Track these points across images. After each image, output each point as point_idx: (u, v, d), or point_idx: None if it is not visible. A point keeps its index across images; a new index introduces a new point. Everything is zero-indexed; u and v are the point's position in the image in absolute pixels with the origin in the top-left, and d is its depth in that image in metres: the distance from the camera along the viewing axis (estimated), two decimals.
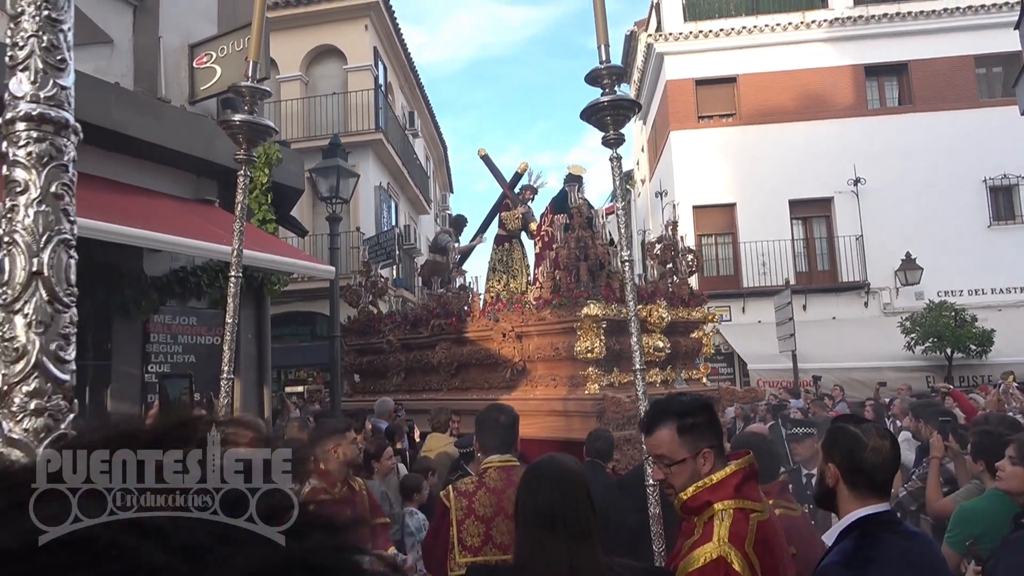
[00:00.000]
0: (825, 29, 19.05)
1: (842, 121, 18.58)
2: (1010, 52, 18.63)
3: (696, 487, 2.20)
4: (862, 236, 18.09)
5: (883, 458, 2.07)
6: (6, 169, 0.57)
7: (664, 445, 2.24)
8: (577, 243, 7.64)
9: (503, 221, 9.34)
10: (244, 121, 3.16)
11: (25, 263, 0.55)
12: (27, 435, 0.53)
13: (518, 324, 8.24)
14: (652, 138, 23.47)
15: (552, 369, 7.90)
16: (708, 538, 2.11)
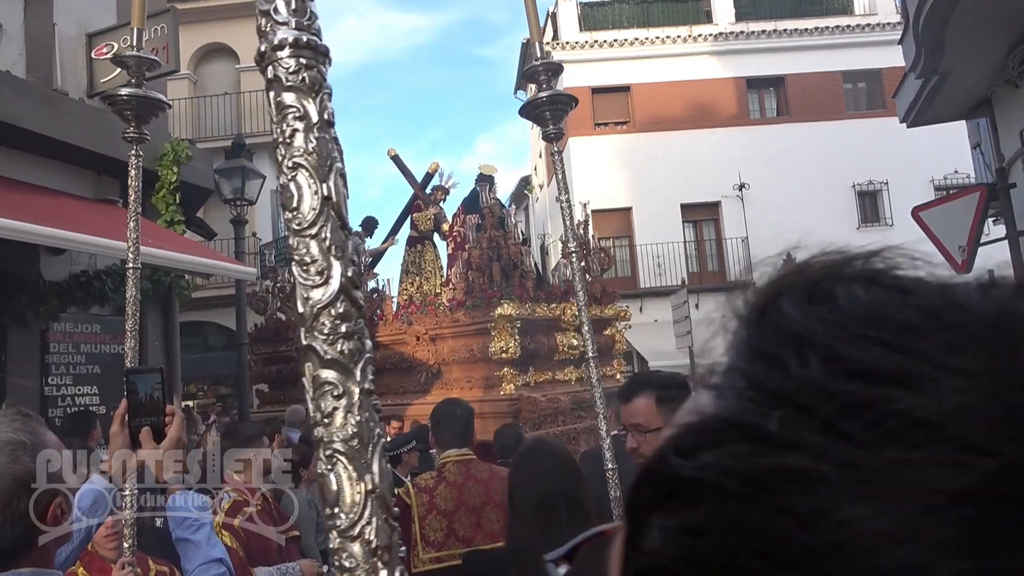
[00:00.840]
0: (710, 43, 20.06)
1: (727, 130, 19.61)
2: (872, 69, 20.27)
3: None
4: (747, 238, 19.12)
5: None
6: (277, 95, 0.58)
7: (641, 414, 2.32)
8: (489, 243, 7.70)
9: (415, 222, 9.28)
10: (132, 95, 2.91)
11: (316, 188, 0.57)
12: (343, 357, 0.55)
13: (432, 327, 8.23)
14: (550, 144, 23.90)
15: (467, 371, 7.94)
16: None
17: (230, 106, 16.42)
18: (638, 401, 2.34)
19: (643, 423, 2.31)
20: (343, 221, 0.60)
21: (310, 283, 0.58)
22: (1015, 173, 5.81)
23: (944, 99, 6.24)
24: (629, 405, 2.36)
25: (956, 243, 6.16)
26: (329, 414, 0.58)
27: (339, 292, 0.58)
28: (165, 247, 5.13)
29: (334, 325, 0.57)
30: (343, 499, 0.58)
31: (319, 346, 0.56)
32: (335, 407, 0.58)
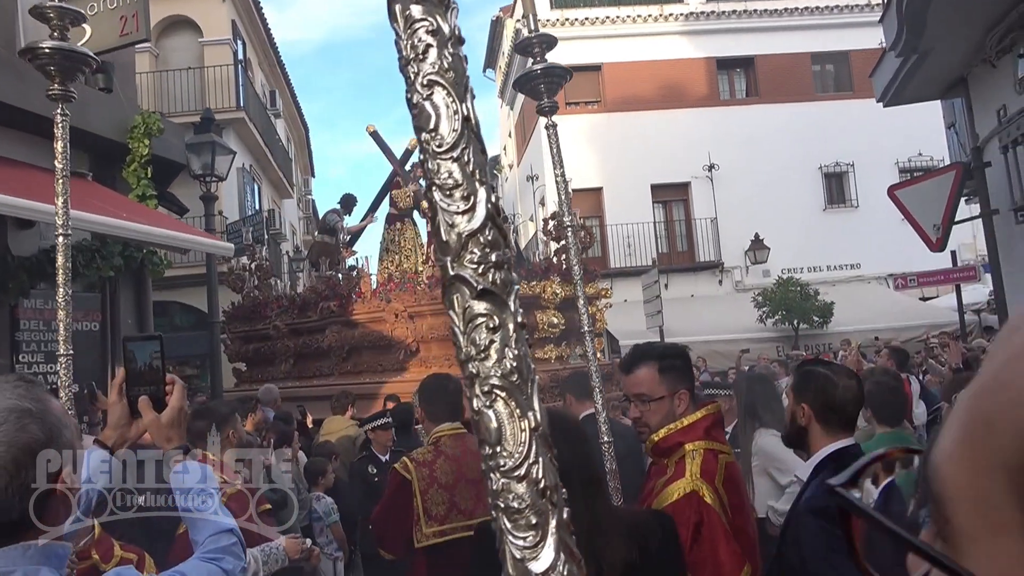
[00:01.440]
0: (681, 23, 20.07)
1: (697, 110, 19.70)
2: (840, 51, 20.50)
3: (668, 429, 2.32)
4: (716, 218, 19.29)
5: (853, 395, 2.24)
6: (404, 9, 0.53)
7: (644, 383, 2.35)
8: None
9: (394, 200, 9.15)
10: (56, 48, 2.60)
11: (456, 107, 0.53)
12: (496, 287, 0.51)
13: (410, 304, 8.16)
14: (520, 124, 23.81)
15: (446, 349, 7.88)
16: (681, 475, 2.23)
17: (194, 81, 16.01)
18: (641, 371, 2.37)
19: (646, 392, 2.35)
20: (483, 145, 0.56)
21: (454, 209, 0.54)
22: (990, 152, 5.91)
23: (922, 78, 6.31)
24: (632, 375, 2.40)
25: (931, 221, 6.28)
26: (484, 349, 0.54)
27: (486, 219, 0.54)
28: (139, 221, 4.97)
29: (484, 254, 0.53)
30: (505, 438, 0.55)
31: (470, 276, 0.53)
32: (491, 340, 0.55)
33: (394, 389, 7.68)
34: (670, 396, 2.35)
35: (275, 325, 8.54)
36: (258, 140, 17.54)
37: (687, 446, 2.30)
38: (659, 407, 2.34)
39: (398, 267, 8.82)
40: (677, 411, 2.35)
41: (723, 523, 2.20)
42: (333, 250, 8.96)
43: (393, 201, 9.20)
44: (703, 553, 2.14)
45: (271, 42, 20.04)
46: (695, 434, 2.34)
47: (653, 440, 2.34)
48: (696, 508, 2.16)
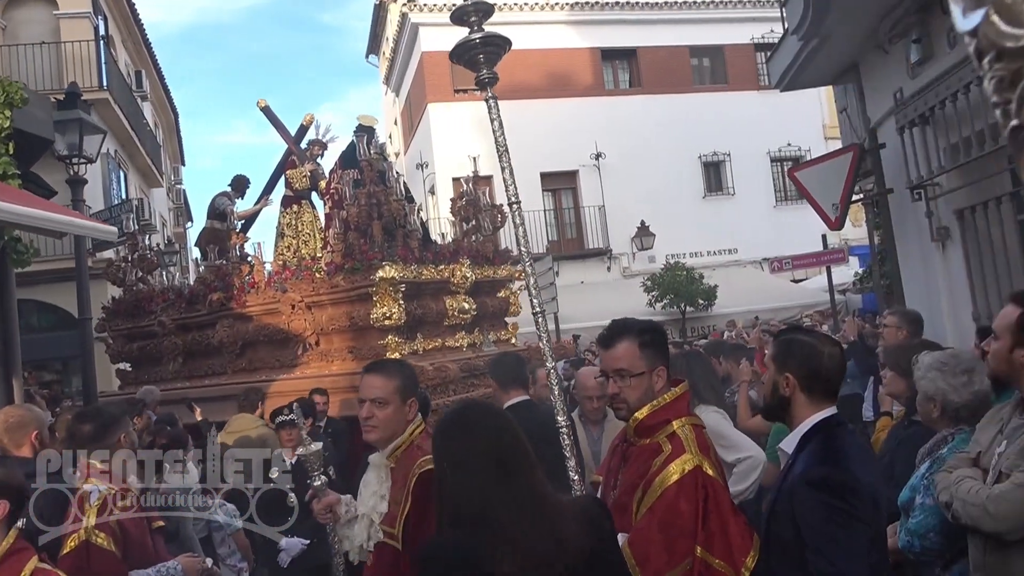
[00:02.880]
0: (567, 12, 20.26)
1: (583, 100, 19.96)
2: (715, 45, 21.35)
3: (652, 406, 2.27)
4: (604, 206, 19.64)
5: (837, 363, 2.19)
6: None
7: (625, 358, 2.30)
8: (369, 200, 7.16)
9: (289, 180, 8.56)
10: None
11: None
12: None
13: (308, 293, 7.68)
14: (406, 111, 23.33)
15: (349, 341, 7.48)
16: (680, 451, 2.18)
17: (49, 57, 14.59)
18: (621, 346, 2.32)
19: (627, 367, 2.29)
20: None
21: None
22: (883, 134, 6.21)
23: (817, 64, 6.54)
24: (611, 350, 2.34)
25: (830, 201, 6.53)
26: None
27: None
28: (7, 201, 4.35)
29: None
30: None
31: None
32: None
33: (293, 386, 7.22)
34: (650, 372, 2.30)
35: (160, 321, 7.85)
36: (124, 124, 16.22)
37: (675, 422, 2.26)
38: (639, 383, 2.29)
39: (295, 253, 8.28)
40: (656, 387, 2.31)
41: (728, 496, 2.21)
42: (223, 236, 8.30)
43: (288, 182, 8.61)
44: (713, 528, 2.08)
45: (136, 19, 18.60)
46: (679, 409, 2.31)
47: (637, 418, 2.28)
48: (702, 483, 2.12)
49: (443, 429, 1.89)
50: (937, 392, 2.73)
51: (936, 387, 2.73)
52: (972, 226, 5.16)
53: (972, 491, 2.26)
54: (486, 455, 1.75)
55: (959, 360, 2.76)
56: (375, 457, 2.61)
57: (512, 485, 1.73)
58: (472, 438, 1.80)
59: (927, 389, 2.76)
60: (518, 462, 1.77)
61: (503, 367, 4.18)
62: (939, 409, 2.74)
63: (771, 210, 21.12)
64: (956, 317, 5.43)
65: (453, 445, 1.81)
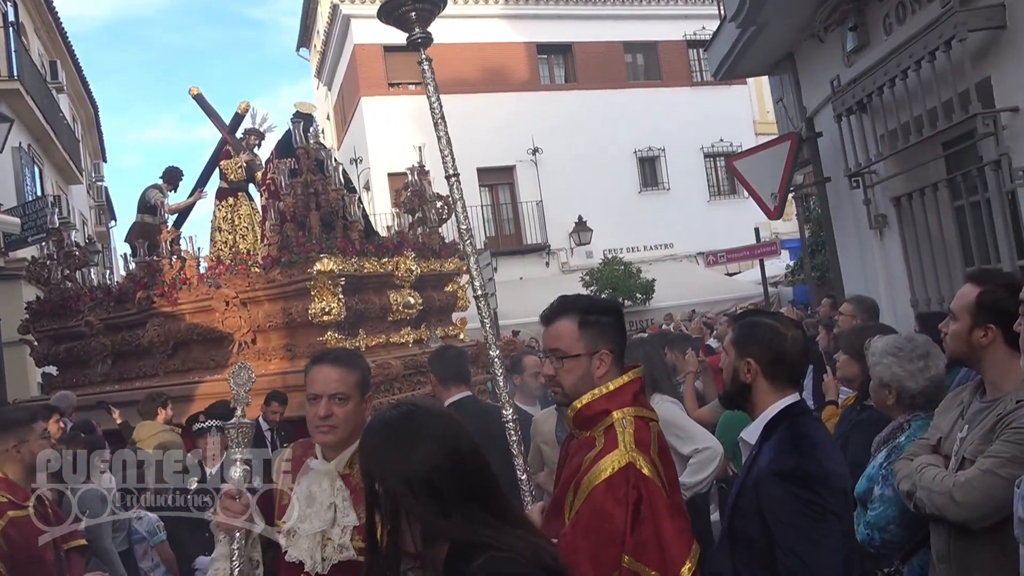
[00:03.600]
0: (501, 6, 20.19)
1: (520, 95, 19.93)
2: (649, 41, 21.62)
3: (593, 395, 2.06)
4: (542, 202, 19.66)
5: (801, 347, 2.09)
6: None
7: (561, 337, 2.10)
8: (305, 189, 6.89)
9: (224, 172, 8.19)
10: None
11: None
12: None
13: (243, 289, 7.38)
14: (339, 105, 22.87)
15: (287, 338, 7.21)
16: (613, 446, 1.96)
17: None
18: (559, 324, 2.11)
19: (562, 348, 2.08)
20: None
21: None
22: (820, 123, 6.32)
23: (754, 53, 6.61)
24: (550, 328, 2.13)
25: (769, 190, 6.62)
26: None
27: None
28: None
29: None
30: None
31: None
32: None
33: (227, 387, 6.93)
34: (588, 356, 2.07)
35: (87, 321, 7.42)
36: (38, 116, 15.35)
37: (615, 414, 2.03)
38: (575, 366, 2.07)
39: (231, 248, 7.93)
40: (596, 373, 2.08)
41: (665, 497, 1.94)
42: (154, 231, 7.90)
43: (223, 173, 8.22)
44: (645, 534, 1.87)
45: (50, 6, 17.64)
46: (623, 400, 2.07)
47: (575, 407, 2.08)
48: (634, 482, 1.89)
49: (396, 438, 1.51)
50: (892, 378, 2.62)
51: (891, 373, 2.62)
52: (909, 213, 5.28)
53: (937, 479, 2.18)
54: (418, 477, 1.45)
55: (914, 345, 2.66)
56: (319, 464, 2.21)
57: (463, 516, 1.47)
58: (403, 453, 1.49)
59: (882, 375, 2.66)
60: (487, 474, 1.55)
61: (444, 361, 3.95)
62: (894, 396, 2.64)
63: (705, 205, 21.52)
64: (894, 304, 5.55)
65: (414, 457, 1.47)
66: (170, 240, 7.95)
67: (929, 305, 5.07)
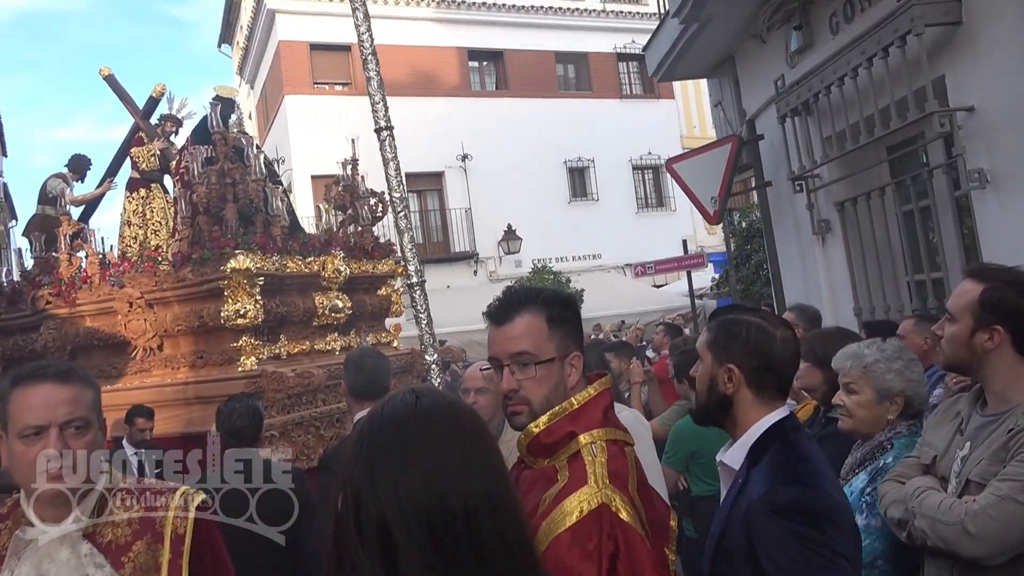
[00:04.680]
0: (432, 9, 19.86)
1: (450, 99, 19.61)
2: (580, 52, 21.69)
3: (553, 414, 1.61)
4: (471, 209, 19.35)
5: (793, 350, 1.76)
6: None
7: (528, 337, 1.63)
8: (221, 179, 6.31)
9: (135, 160, 7.48)
10: None
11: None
12: None
13: (149, 289, 6.76)
14: (262, 104, 22.01)
15: (199, 343, 6.60)
16: (580, 481, 1.52)
17: None
18: (521, 320, 1.65)
19: (531, 350, 1.62)
20: None
21: None
22: (762, 125, 6.22)
23: (694, 55, 6.49)
24: (506, 327, 1.66)
25: (708, 194, 6.48)
26: None
27: None
28: None
29: None
30: None
31: None
32: None
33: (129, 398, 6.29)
34: (561, 360, 1.65)
35: (39, 311, 6.68)
36: None
37: (582, 437, 1.59)
38: (547, 375, 1.63)
39: (141, 244, 7.26)
40: (569, 383, 1.66)
41: (649, 550, 1.51)
42: (53, 224, 7.17)
43: (134, 162, 7.50)
44: None
45: None
46: (592, 419, 1.63)
47: (532, 432, 1.61)
48: (609, 530, 1.46)
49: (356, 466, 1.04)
50: (907, 387, 2.31)
51: (905, 380, 2.31)
52: (853, 218, 5.19)
53: (944, 507, 1.86)
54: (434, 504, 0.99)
55: (907, 351, 2.41)
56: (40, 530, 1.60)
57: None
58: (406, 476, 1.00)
59: (892, 385, 2.32)
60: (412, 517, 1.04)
61: (361, 372, 3.40)
62: (899, 407, 2.31)
63: (633, 216, 21.66)
64: (837, 312, 5.46)
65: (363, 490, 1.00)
66: (71, 234, 7.24)
67: (873, 314, 4.98)
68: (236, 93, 7.23)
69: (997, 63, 3.71)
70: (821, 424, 2.90)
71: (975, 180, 3.80)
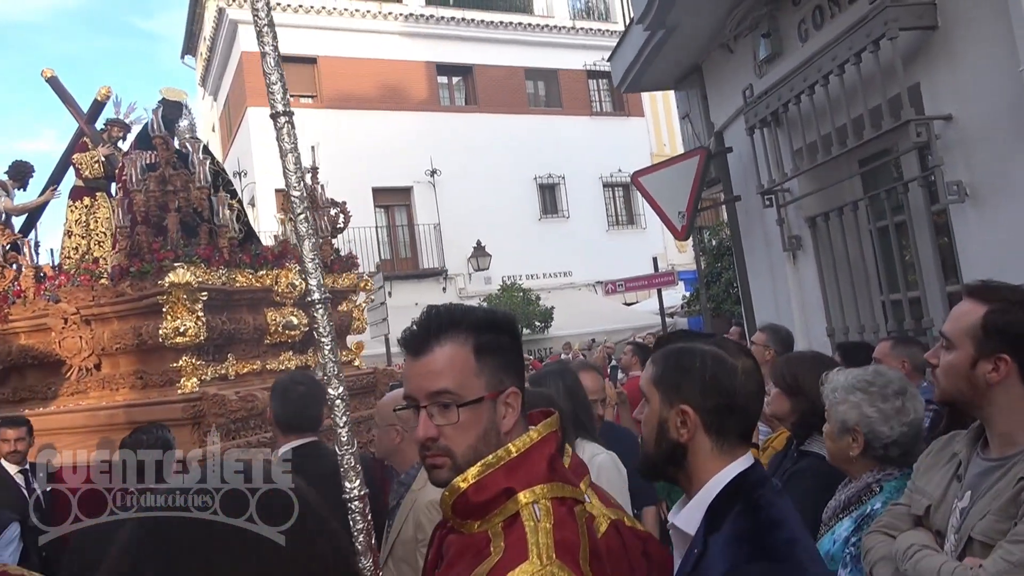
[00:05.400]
0: (400, 23, 19.63)
1: (418, 114, 19.34)
2: (550, 68, 21.59)
3: (484, 465, 1.28)
4: (439, 225, 19.03)
5: (757, 384, 1.44)
6: None
7: (450, 372, 1.30)
8: (160, 184, 5.90)
9: (77, 167, 7.05)
10: None
11: None
12: None
13: (86, 304, 6.34)
14: (225, 116, 21.56)
15: (139, 363, 6.17)
16: (519, 556, 1.20)
17: None
18: (443, 351, 1.32)
19: (453, 388, 1.30)
20: None
21: None
22: (730, 137, 6.01)
23: (660, 64, 6.28)
24: (424, 359, 1.32)
25: (676, 208, 6.25)
26: None
27: None
28: None
29: None
30: None
31: None
32: None
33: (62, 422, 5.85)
34: (493, 398, 1.32)
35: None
36: None
37: (521, 496, 1.28)
38: (473, 420, 1.31)
39: (83, 256, 6.83)
40: (502, 426, 1.33)
41: None
42: None
43: (77, 169, 7.08)
44: None
45: None
46: (533, 471, 1.31)
47: (459, 487, 1.29)
48: None
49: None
50: (861, 421, 2.04)
51: (860, 414, 2.04)
52: (825, 234, 4.97)
53: (944, 572, 1.57)
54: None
55: (886, 380, 2.08)
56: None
57: None
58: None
59: (847, 417, 2.06)
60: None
61: (288, 403, 3.04)
62: (860, 445, 2.05)
63: (604, 234, 21.49)
64: (809, 333, 5.22)
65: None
66: (5, 245, 6.79)
67: (848, 334, 4.75)
68: (184, 96, 6.83)
69: (974, 69, 3.51)
70: (793, 458, 2.60)
71: (954, 193, 3.59)
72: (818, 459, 2.44)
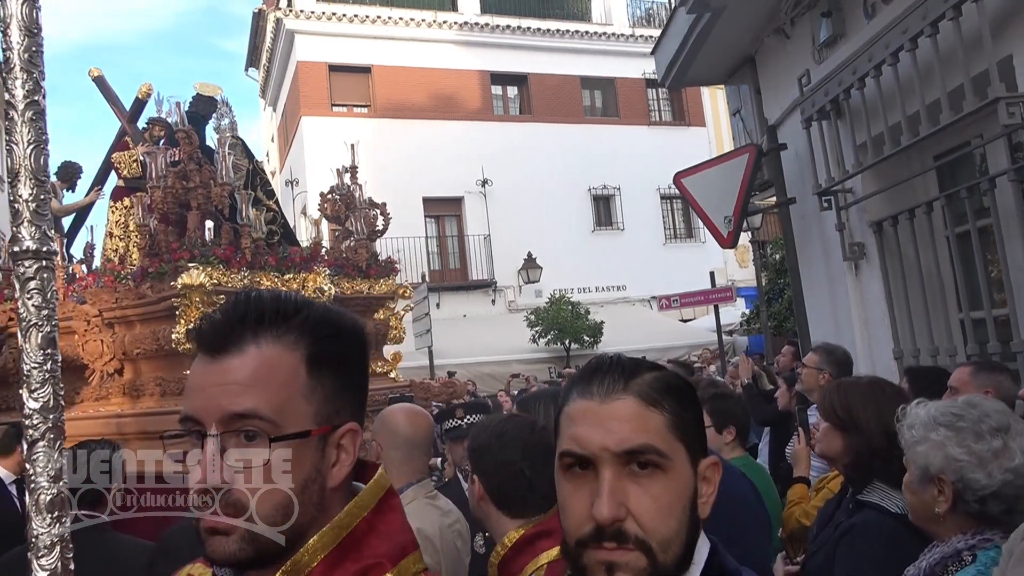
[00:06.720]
0: (455, 31, 19.47)
1: (471, 123, 19.11)
2: (607, 77, 21.11)
3: (323, 538, 0.91)
4: (490, 236, 18.70)
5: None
6: None
7: (267, 387, 0.89)
8: (180, 179, 5.55)
9: (116, 167, 6.93)
10: None
11: None
12: None
13: (109, 306, 6.14)
14: (282, 126, 21.76)
15: (159, 369, 5.96)
16: None
17: None
18: (256, 353, 0.90)
19: (265, 412, 0.87)
20: None
21: None
22: (785, 134, 5.43)
23: (707, 54, 5.74)
24: (226, 362, 0.90)
25: (722, 213, 5.68)
26: None
27: None
28: None
29: None
30: None
31: None
32: None
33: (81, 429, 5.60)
34: (323, 435, 0.93)
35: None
36: None
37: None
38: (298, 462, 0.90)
39: (122, 258, 6.67)
40: (331, 478, 0.94)
41: None
42: None
43: (116, 169, 6.96)
44: None
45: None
46: (392, 542, 0.94)
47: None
48: None
49: None
50: (948, 466, 1.60)
51: (946, 457, 1.60)
52: (893, 241, 4.35)
53: None
54: None
55: (981, 412, 1.63)
56: None
57: None
58: None
59: (929, 461, 1.63)
60: None
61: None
62: (949, 498, 1.61)
63: (660, 247, 20.82)
64: (872, 355, 4.59)
65: None
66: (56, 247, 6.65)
67: (918, 358, 4.12)
68: (219, 91, 6.61)
69: None
70: (848, 510, 2.06)
71: None
72: (880, 512, 1.93)
